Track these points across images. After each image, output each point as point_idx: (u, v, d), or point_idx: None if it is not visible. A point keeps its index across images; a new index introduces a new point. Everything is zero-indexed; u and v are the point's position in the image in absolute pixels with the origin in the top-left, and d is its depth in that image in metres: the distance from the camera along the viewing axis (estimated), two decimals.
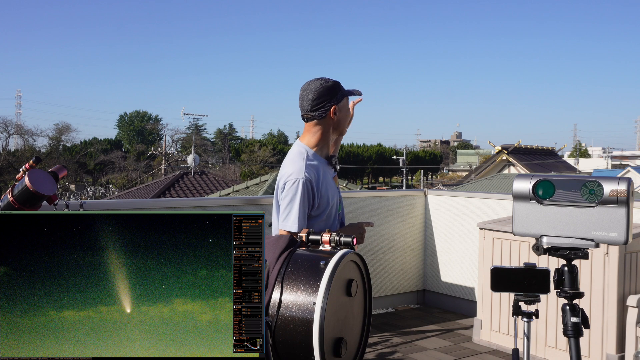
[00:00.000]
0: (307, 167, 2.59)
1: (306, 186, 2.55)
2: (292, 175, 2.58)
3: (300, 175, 2.56)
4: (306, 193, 2.55)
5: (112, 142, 59.08)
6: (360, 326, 2.05)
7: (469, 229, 5.10)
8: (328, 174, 2.69)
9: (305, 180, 2.55)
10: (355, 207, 5.11)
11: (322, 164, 2.67)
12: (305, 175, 2.56)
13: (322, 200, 2.60)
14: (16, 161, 38.72)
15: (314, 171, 2.60)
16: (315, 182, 2.58)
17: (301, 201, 2.53)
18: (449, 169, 62.31)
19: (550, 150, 37.57)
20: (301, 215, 2.53)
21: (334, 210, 2.69)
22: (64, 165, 2.32)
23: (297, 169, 2.58)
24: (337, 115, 2.68)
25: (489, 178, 28.30)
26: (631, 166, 33.45)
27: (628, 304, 3.55)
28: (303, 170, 2.57)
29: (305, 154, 2.65)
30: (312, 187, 2.57)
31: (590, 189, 1.77)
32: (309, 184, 2.56)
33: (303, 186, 2.54)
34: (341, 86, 2.71)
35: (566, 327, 1.86)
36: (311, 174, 2.57)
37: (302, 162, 2.60)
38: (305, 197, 2.54)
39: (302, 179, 2.55)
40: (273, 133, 66.05)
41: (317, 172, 2.61)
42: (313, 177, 2.57)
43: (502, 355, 4.08)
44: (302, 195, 2.54)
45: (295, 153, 2.67)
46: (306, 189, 2.55)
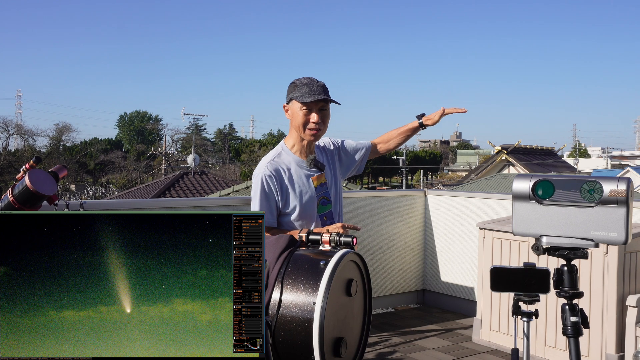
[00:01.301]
0: (271, 163, 2.68)
1: (265, 181, 2.63)
2: (256, 170, 2.70)
3: (260, 171, 2.67)
4: (265, 188, 2.64)
5: (112, 142, 59.06)
6: (360, 326, 2.06)
7: (468, 229, 5.10)
8: (302, 172, 2.70)
9: (265, 176, 2.64)
10: (355, 207, 5.12)
11: (297, 162, 2.70)
12: (266, 170, 2.65)
13: (286, 197, 2.65)
14: (16, 161, 38.71)
15: (280, 167, 2.67)
16: (278, 178, 2.65)
17: (261, 195, 2.64)
18: (448, 169, 62.29)
19: (550, 150, 37.56)
20: (264, 208, 2.63)
21: (308, 209, 2.70)
22: (64, 165, 2.32)
23: (261, 165, 2.70)
24: (289, 114, 2.75)
25: (488, 178, 28.30)
26: (630, 166, 33.45)
27: (627, 303, 3.55)
28: (264, 166, 2.67)
29: (279, 151, 2.75)
30: (273, 182, 2.64)
31: (590, 189, 1.78)
32: (268, 180, 2.64)
33: (262, 181, 2.64)
34: (294, 87, 2.70)
35: (566, 327, 1.86)
36: (273, 170, 2.65)
37: (269, 158, 2.72)
38: (264, 191, 2.64)
39: (262, 174, 2.65)
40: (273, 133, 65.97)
41: (284, 169, 2.67)
42: (276, 173, 2.65)
43: (502, 355, 4.08)
44: (261, 189, 2.64)
45: (272, 150, 2.80)
46: (265, 184, 2.64)
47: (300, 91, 2.65)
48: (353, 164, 2.98)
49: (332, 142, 2.93)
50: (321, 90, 2.67)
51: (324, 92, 2.68)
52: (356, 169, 3.01)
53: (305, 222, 2.69)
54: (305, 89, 2.65)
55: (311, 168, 2.73)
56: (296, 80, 2.71)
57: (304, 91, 2.65)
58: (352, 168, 2.99)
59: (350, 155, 2.97)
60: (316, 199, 2.72)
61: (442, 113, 3.05)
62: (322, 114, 2.68)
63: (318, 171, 2.75)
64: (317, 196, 2.73)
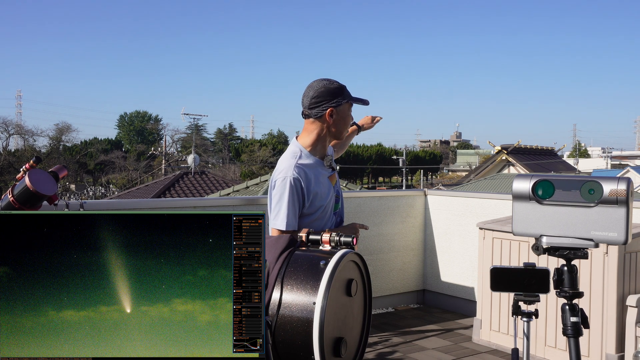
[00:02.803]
0: (297, 165, 2.63)
1: (294, 184, 2.58)
2: (281, 173, 2.62)
3: (288, 174, 2.59)
4: (294, 191, 2.58)
5: (112, 142, 59.06)
6: (360, 326, 2.06)
7: (468, 229, 5.10)
8: (322, 173, 2.71)
9: (293, 179, 2.58)
10: (355, 207, 5.12)
11: (316, 163, 2.70)
12: (294, 173, 2.59)
13: (313, 199, 2.63)
14: (16, 161, 38.70)
15: (304, 170, 2.63)
16: (305, 181, 2.61)
17: (289, 199, 2.57)
18: (448, 169, 62.29)
19: (550, 150, 37.55)
20: (290, 213, 2.57)
21: (328, 209, 2.71)
22: (64, 165, 2.32)
23: (286, 168, 2.62)
24: (333, 119, 2.69)
25: (488, 178, 28.29)
26: (631, 166, 33.43)
27: (628, 303, 3.56)
28: (292, 168, 2.60)
29: (298, 153, 2.68)
30: (301, 185, 2.60)
31: (590, 189, 1.78)
32: (297, 183, 2.58)
33: (290, 184, 2.57)
34: (345, 91, 2.70)
35: (566, 327, 1.86)
36: (300, 173, 2.61)
37: (293, 161, 2.64)
38: (293, 195, 2.58)
39: (290, 178, 2.58)
40: (273, 133, 66.03)
41: (307, 171, 2.65)
42: (302, 176, 2.60)
43: (502, 355, 4.08)
44: (290, 193, 2.57)
45: (289, 152, 2.72)
46: (294, 187, 2.58)
47: (347, 93, 2.71)
48: None
49: None
50: None
51: None
52: None
53: (325, 221, 2.70)
54: (347, 91, 2.72)
55: (328, 168, 2.75)
56: (335, 82, 2.71)
57: (348, 94, 2.72)
58: None
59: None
60: (334, 198, 2.76)
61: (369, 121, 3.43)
62: None
63: (332, 171, 2.78)
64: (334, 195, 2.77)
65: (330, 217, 2.74)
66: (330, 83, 2.69)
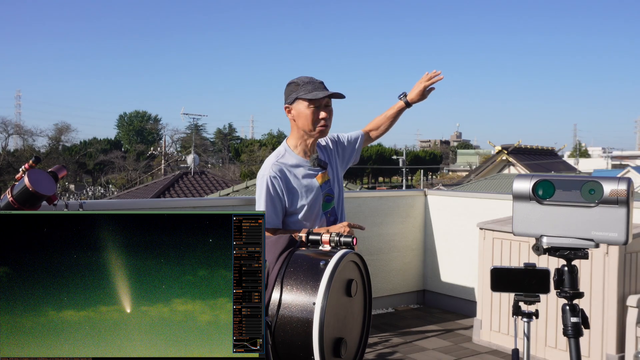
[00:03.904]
0: (276, 164, 2.69)
1: (270, 182, 2.64)
2: (260, 171, 2.70)
3: (266, 172, 2.67)
4: (271, 189, 2.64)
5: (111, 142, 59.00)
6: (360, 326, 2.05)
7: (469, 229, 5.09)
8: (306, 172, 2.72)
9: (270, 177, 2.65)
10: (355, 207, 5.11)
11: (300, 162, 2.72)
12: (271, 172, 2.66)
13: (292, 197, 2.67)
14: (16, 161, 38.69)
15: (284, 168, 2.68)
16: (283, 179, 2.66)
17: (266, 197, 2.64)
18: (449, 169, 62.29)
19: (550, 150, 37.57)
20: (270, 211, 2.63)
21: (314, 208, 2.72)
22: (64, 165, 2.32)
23: (265, 167, 2.70)
24: (292, 115, 2.74)
25: (489, 178, 28.29)
26: (631, 166, 33.44)
27: (628, 304, 3.55)
28: (269, 167, 2.67)
29: (282, 153, 2.76)
30: (279, 183, 2.64)
31: (590, 189, 1.77)
32: (274, 181, 2.64)
33: (267, 183, 2.64)
34: (296, 87, 2.71)
35: (566, 327, 1.86)
36: (278, 171, 2.66)
37: (273, 159, 2.72)
38: (269, 192, 2.64)
39: (267, 176, 2.65)
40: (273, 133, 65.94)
41: (288, 169, 2.69)
42: (280, 174, 2.66)
43: (502, 355, 4.08)
44: (266, 191, 2.64)
45: (274, 152, 2.80)
46: (271, 185, 2.64)
47: (305, 89, 2.67)
48: (352, 156, 3.04)
49: (329, 138, 2.95)
50: (324, 88, 2.71)
51: (326, 88, 2.72)
52: (354, 159, 3.06)
53: (312, 221, 2.71)
54: (309, 86, 2.67)
55: (315, 167, 2.75)
56: (296, 80, 2.72)
57: (309, 89, 2.67)
58: (351, 159, 3.05)
59: (347, 148, 3.01)
60: (322, 197, 2.74)
61: (421, 88, 3.03)
62: (327, 110, 2.71)
63: (321, 169, 2.77)
64: (322, 194, 2.75)
65: (319, 216, 2.75)
66: (290, 82, 2.75)
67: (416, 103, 3.05)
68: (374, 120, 3.13)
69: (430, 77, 3.02)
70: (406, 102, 3.05)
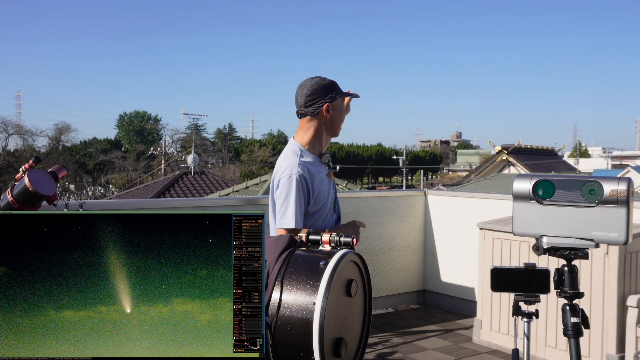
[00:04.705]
0: (301, 163, 2.61)
1: (300, 182, 2.56)
2: (285, 171, 2.59)
3: (294, 171, 2.57)
4: (301, 189, 2.56)
5: (111, 142, 59.01)
6: (360, 326, 2.05)
7: (469, 229, 5.09)
8: (321, 171, 2.72)
9: (299, 176, 2.56)
10: (355, 207, 5.11)
11: (315, 161, 2.71)
12: (299, 170, 2.57)
13: (317, 196, 2.62)
14: (16, 161, 38.69)
15: (307, 167, 2.62)
16: (309, 178, 2.60)
17: (296, 197, 2.54)
18: (449, 169, 62.29)
19: (550, 150, 37.57)
20: (298, 211, 2.54)
21: (329, 206, 2.72)
22: (64, 165, 2.32)
23: (290, 165, 2.60)
24: (330, 114, 2.70)
25: (489, 178, 28.30)
26: (631, 166, 33.44)
27: (628, 304, 3.55)
28: (296, 166, 2.58)
29: (298, 152, 2.68)
30: (307, 182, 2.58)
31: (590, 189, 1.77)
32: (303, 180, 2.57)
33: (297, 182, 2.55)
34: (337, 86, 2.73)
35: (566, 327, 1.86)
36: (304, 170, 2.59)
37: (295, 159, 2.62)
38: (299, 192, 2.55)
39: (296, 175, 2.56)
40: (273, 133, 66.00)
41: (310, 168, 2.64)
42: (306, 173, 2.59)
43: (502, 355, 4.08)
44: (296, 190, 2.55)
45: (289, 151, 2.70)
46: (300, 185, 2.56)
47: (338, 88, 2.72)
48: None
49: None
50: None
51: None
52: None
53: (328, 219, 2.70)
54: (338, 86, 2.73)
55: (325, 166, 2.76)
56: (326, 78, 2.72)
57: (339, 88, 2.73)
58: None
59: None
60: (333, 196, 2.77)
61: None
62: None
63: (330, 169, 2.78)
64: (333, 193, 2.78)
65: (331, 215, 2.75)
66: (322, 80, 2.71)
67: None
68: None
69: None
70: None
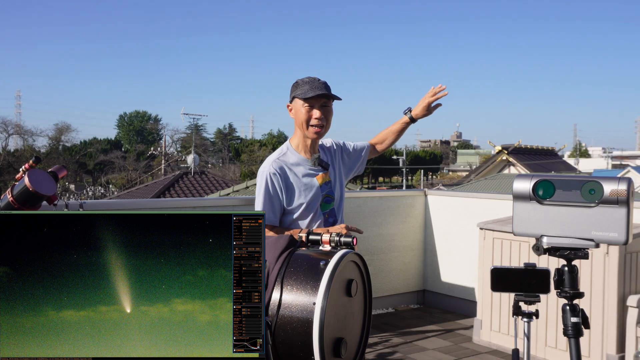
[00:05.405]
0: (276, 161, 2.71)
1: (269, 179, 2.66)
2: (261, 169, 2.72)
3: (265, 169, 2.69)
4: (269, 186, 2.66)
5: (111, 142, 59.01)
6: (360, 326, 2.05)
7: (469, 229, 5.09)
8: (306, 171, 2.72)
9: (270, 174, 2.66)
10: (355, 207, 5.11)
11: (301, 161, 2.73)
12: (271, 168, 2.67)
13: (290, 195, 2.68)
14: (16, 161, 38.70)
15: (284, 166, 2.70)
16: (283, 176, 2.67)
17: (265, 193, 2.66)
18: (449, 169, 62.28)
19: (550, 150, 37.55)
20: (267, 207, 2.65)
21: (312, 207, 2.73)
22: (64, 165, 2.32)
23: (266, 163, 2.72)
24: (292, 114, 2.78)
25: (489, 178, 28.28)
26: (631, 166, 33.43)
27: (628, 304, 3.55)
28: (269, 164, 2.69)
29: (284, 151, 2.78)
30: (278, 180, 2.66)
31: (591, 189, 1.77)
32: (274, 177, 2.66)
33: (266, 179, 2.66)
34: (297, 86, 2.74)
35: (566, 327, 1.86)
36: (278, 168, 2.67)
37: (273, 157, 2.74)
38: (268, 189, 2.66)
39: (267, 172, 2.67)
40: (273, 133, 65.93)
41: (288, 167, 2.71)
42: (280, 171, 2.67)
43: (502, 355, 4.08)
44: (265, 188, 2.66)
45: (277, 150, 2.82)
46: (270, 182, 2.66)
47: (302, 89, 2.69)
48: (355, 165, 3.04)
49: (335, 142, 2.98)
50: (322, 87, 2.70)
51: (326, 89, 2.71)
52: (358, 169, 3.06)
53: (309, 220, 2.71)
54: (306, 86, 2.69)
55: (315, 167, 2.76)
56: (298, 80, 2.76)
57: (306, 88, 2.68)
58: (355, 169, 3.04)
59: (352, 156, 3.02)
60: (320, 197, 2.75)
61: (426, 104, 3.03)
62: (324, 110, 2.70)
63: (322, 170, 2.78)
64: (321, 194, 2.76)
65: (318, 216, 2.75)
66: (296, 81, 2.77)
67: (421, 118, 3.06)
68: (380, 134, 3.16)
69: (435, 92, 3.01)
70: (411, 117, 3.06)
